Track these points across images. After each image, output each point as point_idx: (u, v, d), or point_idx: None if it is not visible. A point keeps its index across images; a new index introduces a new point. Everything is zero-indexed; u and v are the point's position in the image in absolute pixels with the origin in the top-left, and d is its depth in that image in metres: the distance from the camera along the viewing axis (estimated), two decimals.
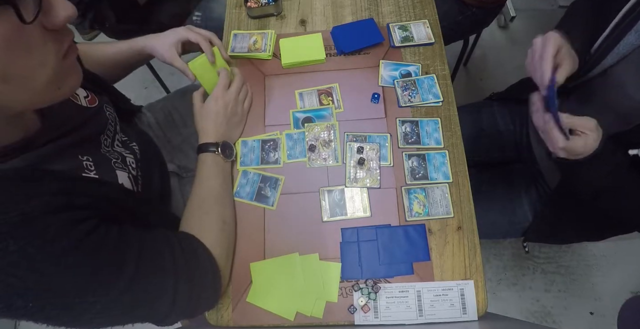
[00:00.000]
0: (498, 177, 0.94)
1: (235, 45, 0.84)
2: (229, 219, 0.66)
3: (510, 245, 1.41)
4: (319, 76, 0.81)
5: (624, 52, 0.59)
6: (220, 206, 0.65)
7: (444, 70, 0.80)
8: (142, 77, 1.72)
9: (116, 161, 0.59)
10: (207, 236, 0.60)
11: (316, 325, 0.64)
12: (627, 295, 1.33)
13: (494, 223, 0.88)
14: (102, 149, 0.59)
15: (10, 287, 0.37)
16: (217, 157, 0.68)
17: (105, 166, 0.56)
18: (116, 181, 0.56)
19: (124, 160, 0.62)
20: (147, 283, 0.47)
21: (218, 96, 0.72)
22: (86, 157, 0.52)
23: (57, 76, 0.39)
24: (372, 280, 0.65)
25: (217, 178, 0.67)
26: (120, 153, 0.63)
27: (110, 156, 0.59)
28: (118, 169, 0.58)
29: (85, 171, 0.51)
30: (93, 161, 0.53)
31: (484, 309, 0.63)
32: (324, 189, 0.71)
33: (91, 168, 0.52)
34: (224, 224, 0.64)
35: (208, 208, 0.63)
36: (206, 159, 0.68)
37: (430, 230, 0.68)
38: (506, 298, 1.35)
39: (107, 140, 0.62)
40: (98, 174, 0.53)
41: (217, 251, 0.60)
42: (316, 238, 0.68)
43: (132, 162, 0.64)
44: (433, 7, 0.86)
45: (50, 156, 0.47)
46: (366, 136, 0.75)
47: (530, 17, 1.79)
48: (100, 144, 0.59)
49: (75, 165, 0.50)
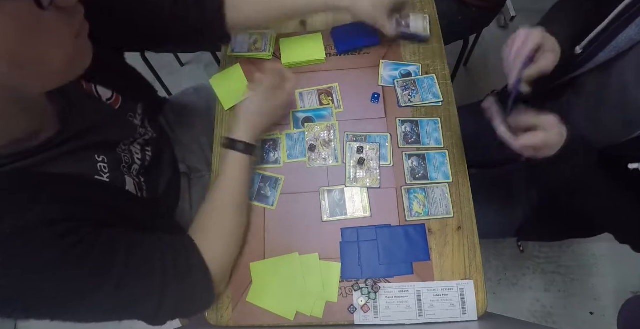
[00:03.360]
0: (498, 177, 0.94)
1: (235, 45, 0.84)
2: (239, 233, 0.64)
3: (510, 245, 1.41)
4: (319, 76, 0.81)
5: (623, 47, 0.58)
6: (234, 218, 0.62)
7: (444, 70, 0.80)
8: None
9: (124, 165, 0.58)
10: (211, 248, 0.58)
11: (316, 325, 0.64)
12: (627, 295, 1.33)
13: (494, 223, 0.88)
14: (118, 152, 0.58)
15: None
16: (249, 160, 0.65)
17: (117, 169, 0.55)
18: (124, 186, 0.56)
19: (130, 166, 0.61)
20: (132, 288, 0.47)
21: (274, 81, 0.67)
22: (102, 157, 0.52)
23: (71, 57, 0.39)
24: (372, 280, 0.65)
25: (241, 181, 0.64)
26: (131, 158, 0.62)
27: (123, 159, 0.58)
28: (126, 175, 0.57)
29: (100, 173, 0.51)
30: (108, 162, 0.53)
31: (484, 309, 0.63)
32: (324, 189, 0.71)
33: (105, 170, 0.52)
34: (232, 239, 0.62)
35: (221, 219, 0.61)
36: (237, 159, 0.63)
37: (430, 230, 0.68)
38: (506, 298, 1.35)
39: (123, 147, 0.61)
40: (110, 178, 0.52)
41: (217, 264, 0.58)
42: (316, 238, 0.68)
43: (135, 169, 0.63)
44: (433, 7, 0.86)
45: (62, 156, 0.47)
46: (366, 135, 0.75)
47: (530, 17, 1.78)
48: (117, 149, 0.59)
49: (89, 167, 0.50)
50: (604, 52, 0.60)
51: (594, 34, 0.61)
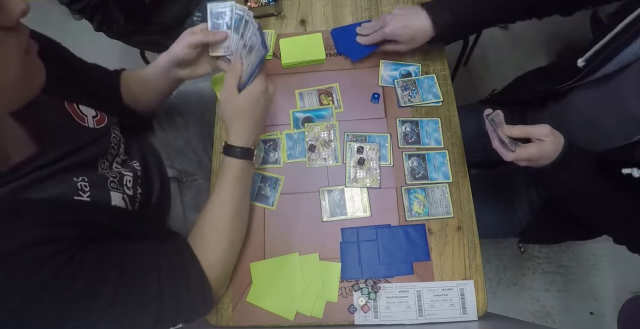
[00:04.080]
0: (498, 177, 0.94)
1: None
2: (237, 240, 0.63)
3: (510, 245, 1.41)
4: (319, 76, 0.81)
5: (628, 61, 0.58)
6: (233, 225, 0.61)
7: (444, 70, 0.80)
8: None
9: (112, 180, 0.57)
10: (210, 256, 0.58)
11: (316, 325, 0.64)
12: (627, 295, 1.32)
13: (494, 223, 0.88)
14: (99, 171, 0.57)
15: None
16: (248, 165, 0.63)
17: (101, 186, 0.54)
18: (109, 202, 0.54)
19: (120, 179, 0.59)
20: (127, 303, 0.47)
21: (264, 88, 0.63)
22: (82, 177, 0.51)
23: (23, 74, 0.39)
24: (372, 280, 0.65)
25: (240, 190, 0.62)
26: (119, 172, 0.61)
27: (108, 175, 0.57)
28: (113, 190, 0.56)
29: (79, 192, 0.50)
30: (89, 181, 0.52)
31: (484, 309, 0.63)
32: (324, 189, 0.71)
33: (85, 189, 0.51)
34: (230, 246, 0.61)
35: (219, 226, 0.60)
36: (234, 165, 0.62)
37: (430, 230, 0.68)
38: (506, 298, 1.35)
39: (105, 163, 0.60)
40: (91, 196, 0.51)
41: (215, 271, 0.58)
42: (316, 238, 0.68)
43: (129, 181, 0.61)
44: None
45: (40, 181, 0.46)
46: (366, 136, 0.75)
47: None
48: (98, 167, 0.58)
49: (68, 188, 0.49)
50: (606, 67, 0.60)
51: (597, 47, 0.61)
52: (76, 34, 1.48)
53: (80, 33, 1.47)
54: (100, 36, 1.12)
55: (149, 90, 0.73)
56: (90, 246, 0.45)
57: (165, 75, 0.70)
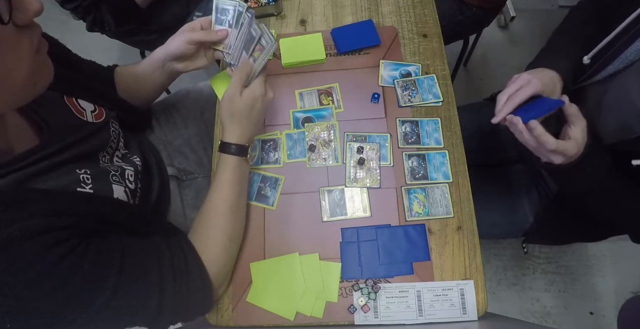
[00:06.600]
0: (498, 177, 0.94)
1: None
2: (236, 235, 0.64)
3: (510, 245, 1.41)
4: (319, 76, 0.81)
5: (632, 59, 0.58)
6: (231, 219, 0.62)
7: (444, 70, 0.80)
8: None
9: (114, 174, 0.58)
10: (209, 251, 0.58)
11: (316, 325, 0.64)
12: (627, 295, 1.33)
13: (494, 223, 0.88)
14: (101, 164, 0.58)
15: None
16: (243, 162, 0.64)
17: (103, 179, 0.55)
18: (111, 195, 0.55)
19: (122, 173, 0.60)
20: (127, 297, 0.47)
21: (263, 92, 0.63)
22: (84, 170, 0.52)
23: (33, 72, 0.40)
24: (372, 280, 0.65)
25: (237, 185, 0.63)
26: (120, 166, 0.62)
27: (110, 168, 0.58)
28: (115, 183, 0.57)
29: (82, 184, 0.51)
30: (91, 173, 0.53)
31: (484, 309, 0.63)
32: (324, 189, 0.71)
33: (88, 181, 0.52)
34: (229, 241, 0.61)
35: (218, 221, 0.61)
36: (230, 162, 0.62)
37: (430, 230, 0.68)
38: (506, 298, 1.35)
39: (106, 157, 0.61)
40: (94, 189, 0.52)
41: (216, 267, 0.58)
42: (316, 238, 0.68)
43: (130, 175, 0.62)
44: (433, 7, 0.86)
45: (42, 173, 0.47)
46: (366, 136, 0.75)
47: (530, 17, 1.79)
48: (99, 160, 0.59)
49: (70, 180, 0.50)
50: (612, 64, 0.60)
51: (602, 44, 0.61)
52: (76, 34, 1.48)
53: (80, 33, 1.46)
54: (100, 36, 1.12)
55: (145, 83, 0.74)
56: (93, 239, 0.46)
57: (162, 69, 0.70)
